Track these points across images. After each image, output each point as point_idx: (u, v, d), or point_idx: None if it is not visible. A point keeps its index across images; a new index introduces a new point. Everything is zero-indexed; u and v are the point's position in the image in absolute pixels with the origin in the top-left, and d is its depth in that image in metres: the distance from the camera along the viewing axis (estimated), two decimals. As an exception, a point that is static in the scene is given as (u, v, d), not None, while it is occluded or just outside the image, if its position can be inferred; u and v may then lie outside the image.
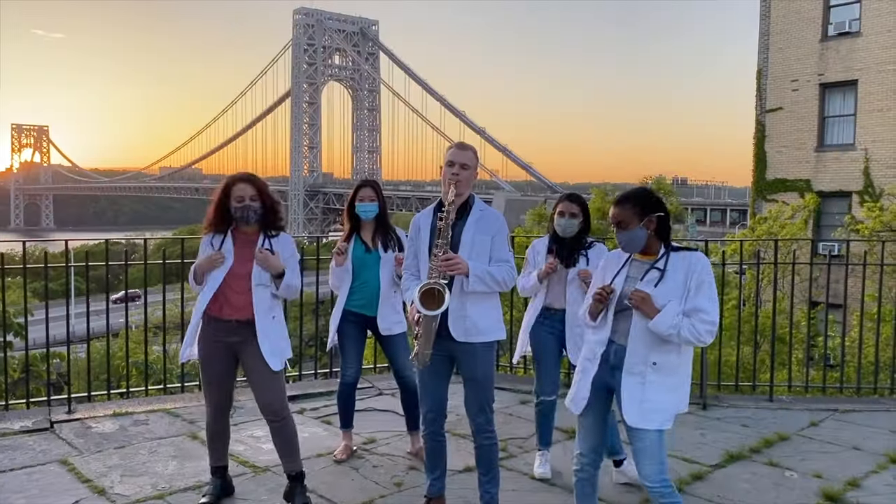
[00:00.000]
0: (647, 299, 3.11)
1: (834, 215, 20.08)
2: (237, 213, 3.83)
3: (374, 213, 4.67)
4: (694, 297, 3.10)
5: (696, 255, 3.20)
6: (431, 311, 3.49)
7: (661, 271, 3.17)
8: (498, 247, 3.70)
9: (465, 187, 3.70)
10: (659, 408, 3.16)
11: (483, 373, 3.75)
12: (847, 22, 20.06)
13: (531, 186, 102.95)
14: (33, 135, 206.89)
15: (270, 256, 3.81)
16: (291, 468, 4.01)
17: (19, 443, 5.01)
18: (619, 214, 3.22)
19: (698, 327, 3.07)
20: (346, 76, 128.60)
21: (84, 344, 6.81)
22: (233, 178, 3.90)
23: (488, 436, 3.80)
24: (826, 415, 5.97)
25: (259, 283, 3.83)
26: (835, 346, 10.14)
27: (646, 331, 3.13)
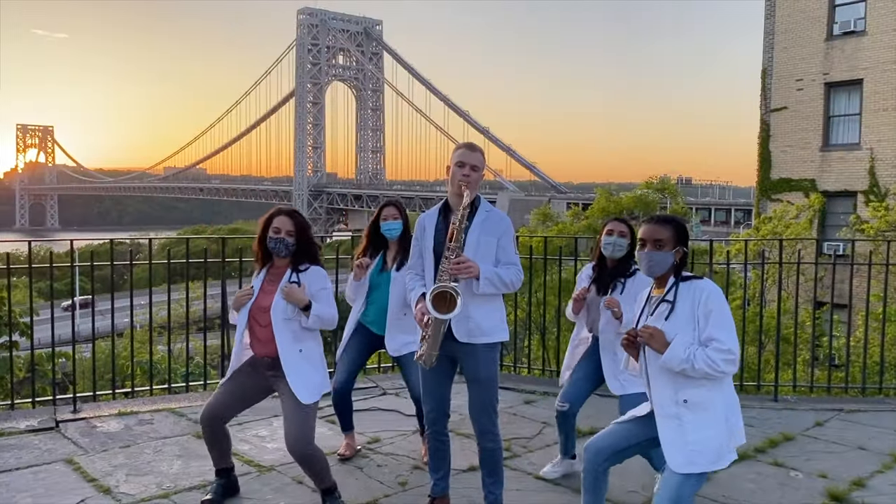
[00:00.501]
0: (655, 335, 3.03)
1: (839, 215, 20.03)
2: (270, 244, 3.86)
3: (399, 231, 4.67)
4: (706, 327, 2.99)
5: (703, 282, 3.10)
6: (443, 314, 3.45)
7: (670, 303, 3.09)
8: (504, 249, 3.68)
9: (474, 189, 3.69)
10: (705, 448, 3.00)
11: (486, 374, 3.73)
12: (852, 21, 20.01)
13: (535, 186, 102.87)
14: (38, 135, 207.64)
15: (295, 289, 3.79)
16: (319, 487, 3.98)
17: (25, 442, 5.03)
18: (659, 233, 3.12)
19: (713, 357, 2.93)
20: (349, 76, 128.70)
21: (89, 343, 6.82)
22: (277, 210, 3.95)
23: (492, 438, 3.78)
24: (831, 415, 5.95)
25: (282, 316, 3.81)
26: (840, 346, 10.11)
27: (665, 368, 3.04)
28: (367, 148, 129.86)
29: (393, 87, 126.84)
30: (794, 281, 6.97)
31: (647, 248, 3.12)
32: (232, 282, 6.30)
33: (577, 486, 4.37)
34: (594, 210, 19.72)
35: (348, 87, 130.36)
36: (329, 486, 3.97)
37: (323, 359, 4.03)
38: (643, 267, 3.18)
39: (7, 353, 6.53)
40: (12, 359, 6.33)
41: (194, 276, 7.70)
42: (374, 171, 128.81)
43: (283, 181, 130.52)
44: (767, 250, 13.00)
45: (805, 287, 10.23)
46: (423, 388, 3.86)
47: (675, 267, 3.15)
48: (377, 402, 6.08)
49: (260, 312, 3.86)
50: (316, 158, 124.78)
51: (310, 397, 3.83)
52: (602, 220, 4.53)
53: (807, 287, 11.28)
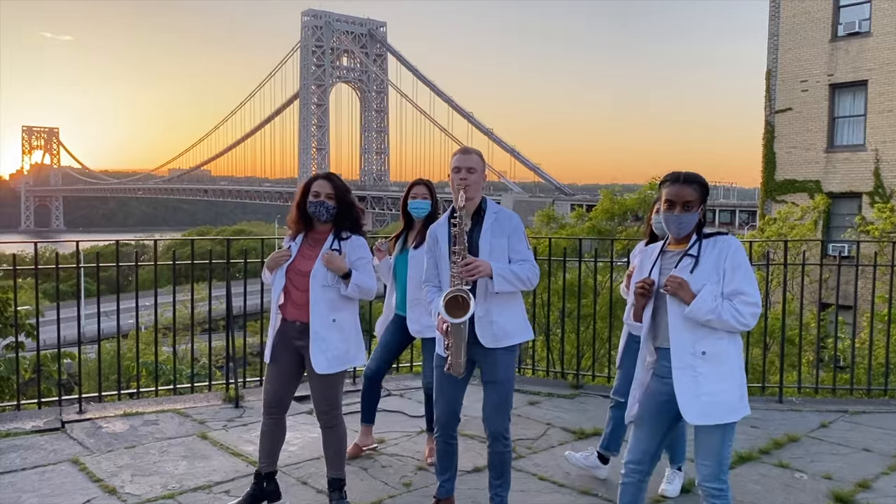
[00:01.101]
0: (683, 284, 3.01)
1: (844, 216, 19.99)
2: (310, 209, 3.81)
3: (426, 211, 4.61)
4: (731, 280, 3.00)
5: (728, 238, 3.10)
6: (458, 318, 3.44)
7: (694, 258, 3.08)
8: (516, 246, 3.66)
9: (474, 191, 3.67)
10: (720, 399, 3.02)
11: (504, 376, 3.72)
12: (857, 22, 19.98)
13: (539, 188, 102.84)
14: (43, 137, 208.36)
15: (336, 256, 3.74)
16: (331, 474, 3.97)
17: (31, 442, 5.05)
18: (688, 194, 3.08)
19: (741, 309, 2.96)
20: (354, 78, 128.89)
21: (95, 344, 6.85)
22: (314, 176, 3.93)
23: (505, 442, 3.76)
24: (836, 416, 5.94)
25: (322, 283, 3.75)
26: (845, 348, 10.09)
27: (687, 319, 3.02)
28: (371, 149, 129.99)
29: (397, 88, 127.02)
30: (799, 282, 6.97)
31: (676, 210, 3.09)
32: (237, 283, 6.32)
33: (583, 487, 4.40)
34: (598, 211, 19.66)
35: (352, 88, 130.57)
36: (340, 476, 3.96)
37: (359, 331, 3.94)
38: (672, 229, 3.13)
39: (13, 354, 6.55)
40: (18, 360, 6.34)
41: (199, 277, 7.72)
42: (378, 173, 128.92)
43: (287, 182, 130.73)
44: (772, 251, 12.98)
45: (810, 288, 10.22)
46: (437, 391, 3.83)
47: (697, 224, 3.14)
48: (382, 404, 6.05)
49: (298, 276, 3.80)
50: (320, 160, 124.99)
51: (325, 367, 3.76)
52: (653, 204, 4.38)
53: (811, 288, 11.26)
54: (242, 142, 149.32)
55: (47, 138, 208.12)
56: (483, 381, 3.77)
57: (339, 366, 3.82)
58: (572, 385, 6.87)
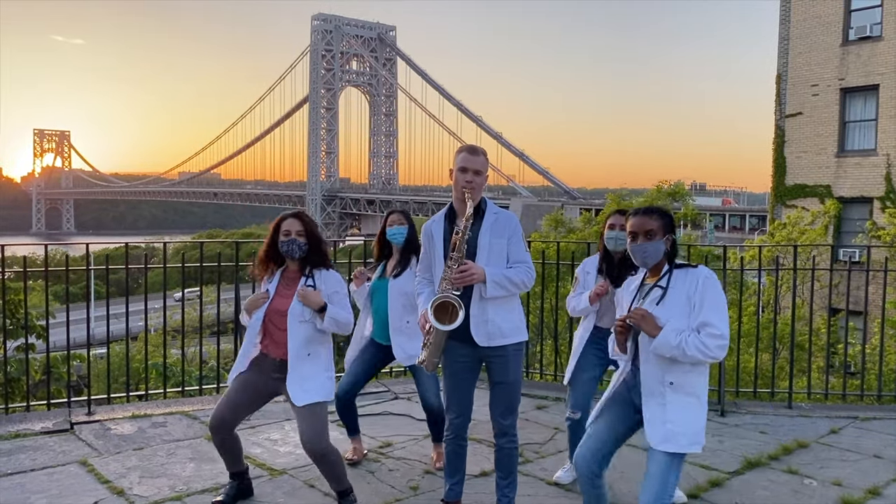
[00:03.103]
0: (646, 317, 3.07)
1: (855, 221, 19.88)
2: (283, 248, 3.90)
3: (404, 237, 4.68)
4: (699, 312, 3.04)
5: (699, 269, 3.15)
6: (444, 325, 3.47)
7: (663, 289, 3.15)
8: (514, 248, 3.66)
9: (478, 193, 3.67)
10: (684, 430, 3.09)
11: (514, 376, 3.74)
12: (868, 26, 19.88)
13: (548, 192, 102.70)
14: (55, 140, 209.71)
15: (311, 292, 3.83)
16: (335, 489, 4.02)
17: (40, 443, 5.07)
18: (647, 223, 3.15)
19: (707, 342, 2.99)
20: (363, 81, 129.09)
21: (104, 346, 6.87)
22: (283, 216, 4.01)
23: (511, 439, 3.78)
24: (846, 422, 5.90)
25: (299, 319, 3.84)
26: (855, 354, 10.02)
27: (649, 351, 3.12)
28: (381, 153, 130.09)
29: (406, 92, 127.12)
30: (809, 287, 6.93)
31: (639, 240, 3.17)
32: (245, 286, 6.32)
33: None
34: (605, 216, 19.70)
35: (362, 92, 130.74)
36: (345, 488, 3.99)
37: (330, 362, 4.02)
38: (638, 259, 3.21)
39: (23, 356, 6.59)
40: (28, 361, 6.38)
41: (208, 280, 7.75)
42: (387, 177, 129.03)
43: (296, 186, 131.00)
44: (782, 256, 12.92)
45: (820, 294, 10.16)
46: (449, 395, 3.83)
47: (667, 255, 3.20)
48: (389, 407, 6.09)
49: (277, 316, 3.89)
50: (329, 163, 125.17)
51: (302, 399, 3.82)
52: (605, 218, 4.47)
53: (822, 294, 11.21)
54: (252, 145, 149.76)
55: (59, 141, 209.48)
56: (491, 381, 3.78)
57: (317, 397, 3.88)
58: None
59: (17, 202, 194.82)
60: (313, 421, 3.84)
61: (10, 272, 6.13)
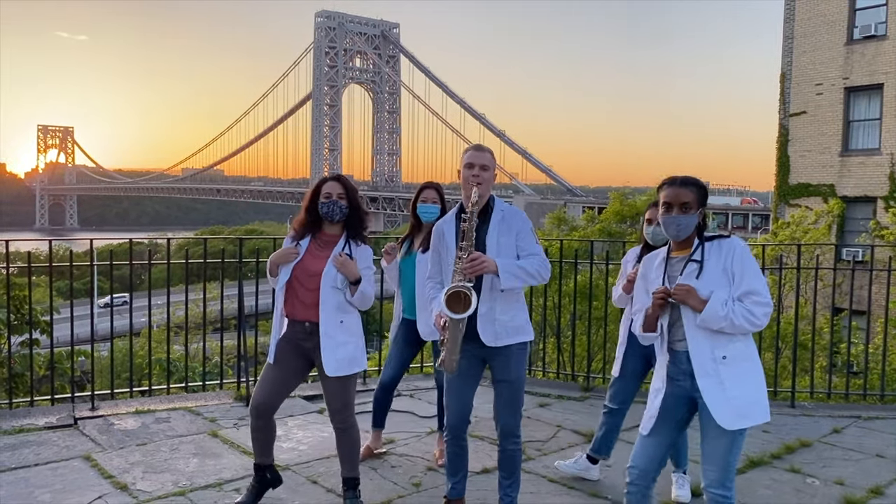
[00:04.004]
0: (691, 291, 2.99)
1: (858, 221, 19.85)
2: (323, 209, 3.81)
3: (435, 216, 4.53)
4: (741, 281, 2.98)
5: (732, 240, 3.08)
6: (458, 314, 3.40)
7: (699, 262, 3.05)
8: (524, 242, 3.64)
9: (486, 189, 3.66)
10: (752, 400, 3.00)
11: (517, 374, 3.71)
12: (873, 25, 19.83)
13: (551, 190, 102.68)
14: (58, 136, 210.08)
15: (349, 261, 3.76)
16: (346, 473, 3.98)
17: (44, 438, 5.09)
18: (683, 195, 3.05)
19: (754, 310, 2.93)
20: (366, 79, 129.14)
21: (107, 342, 6.90)
22: (323, 178, 3.94)
23: (515, 440, 3.76)
24: (849, 422, 5.90)
25: (331, 284, 3.76)
26: (858, 353, 10.01)
27: (702, 327, 3.00)
28: (384, 150, 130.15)
29: (409, 89, 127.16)
30: (812, 287, 6.92)
31: (673, 212, 3.07)
32: (249, 282, 6.34)
33: (593, 490, 4.39)
34: (608, 213, 19.64)
35: (365, 89, 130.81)
36: (355, 475, 3.97)
37: (361, 334, 3.93)
38: (670, 231, 3.10)
39: (27, 351, 6.61)
40: (32, 356, 6.40)
41: (211, 276, 7.76)
42: (390, 174, 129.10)
43: (299, 183, 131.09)
44: (785, 255, 12.91)
45: (823, 293, 10.15)
46: (448, 393, 3.81)
47: (698, 227, 3.11)
48: (393, 404, 6.08)
49: (307, 276, 3.79)
50: (332, 160, 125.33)
51: (337, 370, 3.76)
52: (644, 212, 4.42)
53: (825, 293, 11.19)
54: (255, 142, 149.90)
55: (62, 137, 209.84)
56: (494, 380, 3.76)
57: (349, 369, 3.82)
58: (583, 387, 6.85)
59: (20, 198, 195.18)
60: (344, 392, 3.82)
61: (14, 267, 6.14)
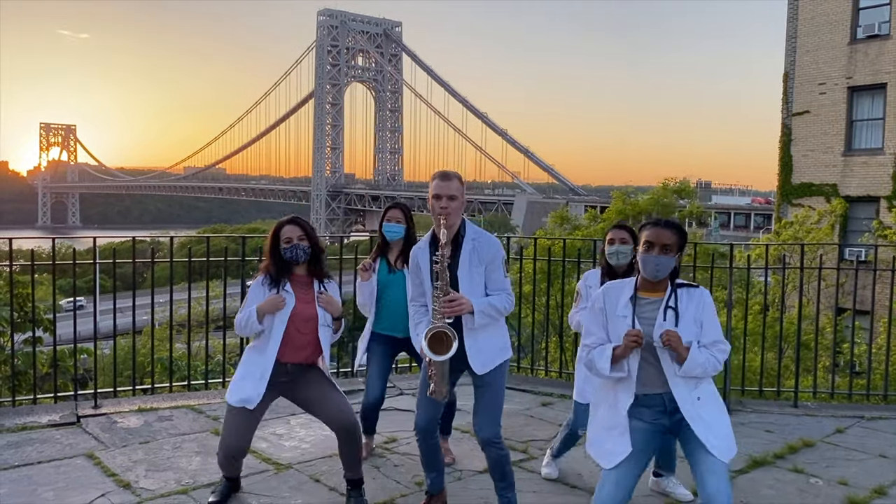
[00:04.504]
0: (680, 339, 3.08)
1: (861, 220, 19.81)
2: (287, 254, 3.96)
3: (400, 236, 4.67)
4: (709, 331, 3.17)
5: (701, 291, 3.22)
6: (441, 355, 3.50)
7: (675, 310, 3.15)
8: (494, 275, 3.68)
9: (455, 218, 3.68)
10: (728, 432, 3.20)
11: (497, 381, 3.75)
12: (877, 24, 19.78)
13: (553, 189, 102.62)
14: (61, 134, 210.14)
15: (332, 299, 4.03)
16: (351, 475, 4.09)
17: (47, 436, 5.10)
18: (665, 237, 3.13)
19: (720, 357, 3.15)
20: (368, 77, 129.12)
21: (110, 340, 6.90)
22: (280, 223, 4.05)
23: (498, 446, 3.76)
24: (852, 422, 5.89)
25: (323, 323, 4.01)
26: (861, 353, 10.00)
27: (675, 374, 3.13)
28: (386, 149, 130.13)
29: (412, 88, 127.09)
30: (815, 286, 6.91)
31: (654, 252, 3.14)
32: (251, 280, 6.33)
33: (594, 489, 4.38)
34: (611, 213, 19.66)
35: (367, 88, 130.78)
36: (359, 477, 4.08)
37: None
38: (648, 270, 3.16)
39: (30, 349, 6.61)
40: (35, 354, 6.40)
41: (214, 274, 7.76)
42: (392, 173, 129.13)
43: (301, 181, 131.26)
44: (788, 255, 12.88)
45: (826, 293, 10.13)
46: (420, 396, 3.81)
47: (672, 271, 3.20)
48: (394, 403, 6.10)
49: (302, 321, 3.96)
50: (334, 159, 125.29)
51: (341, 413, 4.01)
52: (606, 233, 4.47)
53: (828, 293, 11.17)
54: (257, 141, 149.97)
55: (65, 135, 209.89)
56: (474, 384, 3.79)
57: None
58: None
59: (23, 196, 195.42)
60: (345, 398, 4.05)
61: (17, 265, 6.15)
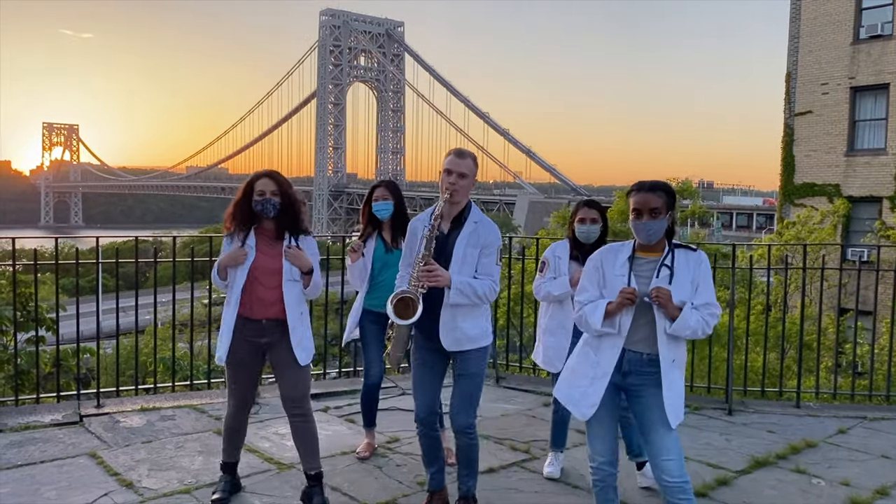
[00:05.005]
0: (670, 297, 3.07)
1: (864, 221, 19.78)
2: (257, 207, 3.85)
3: (390, 213, 4.63)
4: (703, 293, 3.13)
5: (700, 253, 3.22)
6: (403, 319, 3.49)
7: (669, 268, 3.14)
8: (486, 259, 3.66)
9: (461, 196, 3.67)
10: (680, 402, 3.20)
11: (477, 370, 3.77)
12: (879, 24, 19.76)
13: (555, 189, 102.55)
14: (63, 133, 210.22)
15: (300, 253, 3.87)
16: (310, 468, 4.02)
17: (50, 435, 5.10)
18: (654, 201, 3.12)
19: (710, 321, 3.11)
20: (371, 77, 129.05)
21: (112, 339, 6.91)
22: (256, 175, 3.95)
23: (470, 435, 3.79)
24: (854, 422, 5.88)
25: (289, 278, 3.87)
26: (864, 354, 9.99)
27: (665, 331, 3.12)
28: (388, 149, 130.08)
29: (414, 88, 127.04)
30: (818, 287, 6.90)
31: (643, 218, 3.14)
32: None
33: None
34: (613, 212, 19.64)
35: (369, 88, 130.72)
36: (319, 470, 4.02)
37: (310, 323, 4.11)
38: (641, 236, 3.18)
39: (33, 348, 6.62)
40: (38, 353, 6.41)
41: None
42: (394, 172, 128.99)
43: (303, 181, 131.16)
44: (791, 255, 12.88)
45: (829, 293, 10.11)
46: (415, 386, 3.84)
47: (667, 231, 3.19)
48: (396, 402, 6.10)
49: (266, 275, 3.85)
50: (336, 159, 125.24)
51: (306, 358, 3.93)
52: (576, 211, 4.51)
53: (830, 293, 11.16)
54: (260, 140, 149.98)
55: (67, 135, 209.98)
56: (455, 374, 3.81)
57: (311, 356, 4.00)
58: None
59: (25, 195, 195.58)
60: (306, 380, 3.97)
61: (20, 264, 6.16)
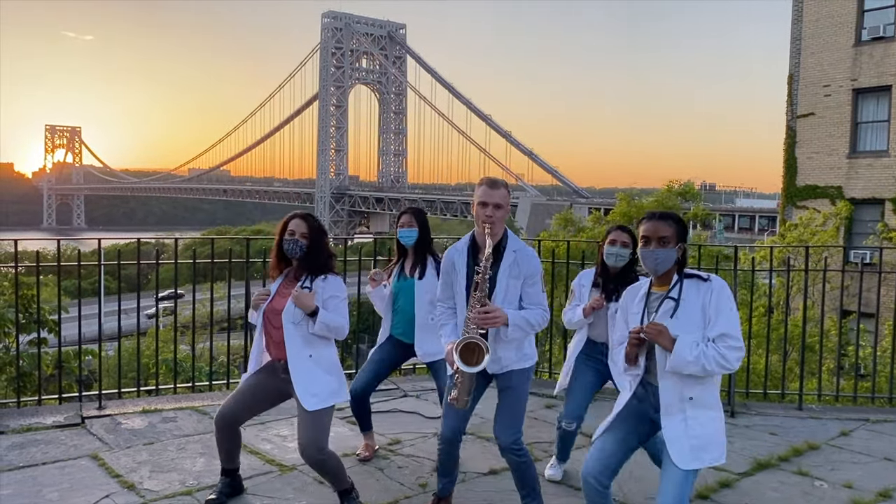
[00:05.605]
0: (663, 332, 3.00)
1: (866, 223, 19.75)
2: (285, 246, 3.90)
3: (413, 239, 4.67)
4: (716, 323, 2.99)
5: (713, 281, 3.07)
6: (471, 367, 3.46)
7: (675, 301, 3.07)
8: (531, 289, 3.68)
9: (499, 227, 3.65)
10: (708, 445, 3.06)
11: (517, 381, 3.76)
12: (882, 27, 19.74)
13: (557, 191, 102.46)
14: (66, 136, 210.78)
15: (304, 294, 3.78)
16: (335, 488, 4.02)
17: (52, 437, 5.10)
18: (661, 230, 3.07)
19: (727, 355, 2.95)
20: (373, 79, 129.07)
21: (114, 341, 6.92)
22: (291, 214, 3.99)
23: (518, 453, 3.75)
24: (857, 424, 5.87)
25: (292, 320, 3.82)
26: (866, 356, 9.97)
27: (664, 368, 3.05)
28: (390, 151, 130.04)
29: (416, 90, 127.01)
30: (820, 289, 6.89)
31: (651, 246, 3.08)
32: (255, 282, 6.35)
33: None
34: (615, 215, 19.67)
35: (371, 90, 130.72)
36: (346, 487, 3.99)
37: (338, 364, 3.98)
38: (648, 265, 3.11)
39: (35, 350, 6.63)
40: (40, 355, 6.42)
41: (218, 276, 7.78)
42: (396, 175, 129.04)
43: (305, 183, 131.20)
44: (793, 257, 12.85)
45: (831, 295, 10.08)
46: (447, 408, 3.79)
47: (677, 263, 3.12)
48: (398, 405, 6.10)
49: (273, 315, 3.90)
50: (338, 161, 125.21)
51: (315, 404, 3.79)
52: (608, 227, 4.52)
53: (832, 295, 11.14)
54: (262, 143, 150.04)
55: (70, 137, 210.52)
56: (498, 387, 3.80)
57: (327, 401, 3.85)
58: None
59: (28, 197, 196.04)
60: (315, 427, 3.80)
61: (22, 266, 6.17)
